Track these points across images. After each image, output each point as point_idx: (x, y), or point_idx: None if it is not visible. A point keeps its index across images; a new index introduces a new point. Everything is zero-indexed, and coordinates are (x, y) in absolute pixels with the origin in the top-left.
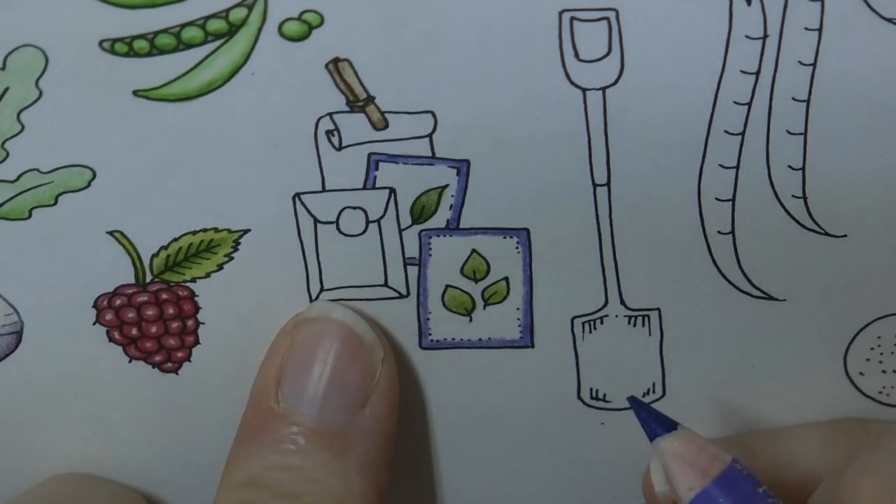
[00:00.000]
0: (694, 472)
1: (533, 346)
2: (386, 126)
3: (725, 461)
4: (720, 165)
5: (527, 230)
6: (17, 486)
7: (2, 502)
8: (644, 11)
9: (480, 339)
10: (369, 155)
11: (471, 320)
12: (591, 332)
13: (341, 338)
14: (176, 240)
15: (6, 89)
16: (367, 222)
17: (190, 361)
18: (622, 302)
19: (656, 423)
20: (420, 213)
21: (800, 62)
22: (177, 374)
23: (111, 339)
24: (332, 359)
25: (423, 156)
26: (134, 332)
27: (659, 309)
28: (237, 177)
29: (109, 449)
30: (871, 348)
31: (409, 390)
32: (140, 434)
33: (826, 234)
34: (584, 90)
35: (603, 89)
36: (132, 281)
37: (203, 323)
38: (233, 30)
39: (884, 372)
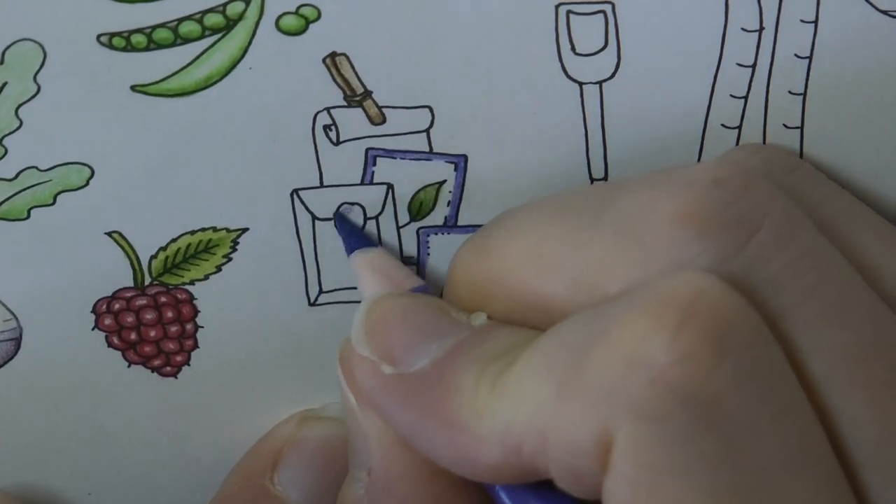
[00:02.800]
0: (387, 283)
1: None
2: (383, 121)
3: (420, 282)
4: None
5: None
6: (16, 492)
7: None
8: (640, 3)
9: None
10: (367, 150)
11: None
12: None
13: None
14: (174, 240)
15: (4, 84)
16: (366, 219)
17: (189, 365)
18: None
19: (357, 240)
20: (418, 209)
21: (796, 55)
22: (176, 378)
23: (110, 345)
24: (339, 461)
25: (420, 151)
26: (133, 336)
27: None
28: (236, 174)
29: (109, 453)
30: None
31: None
32: (139, 438)
33: None
34: (580, 84)
35: (600, 83)
36: (131, 284)
37: (202, 327)
38: (230, 24)
39: None
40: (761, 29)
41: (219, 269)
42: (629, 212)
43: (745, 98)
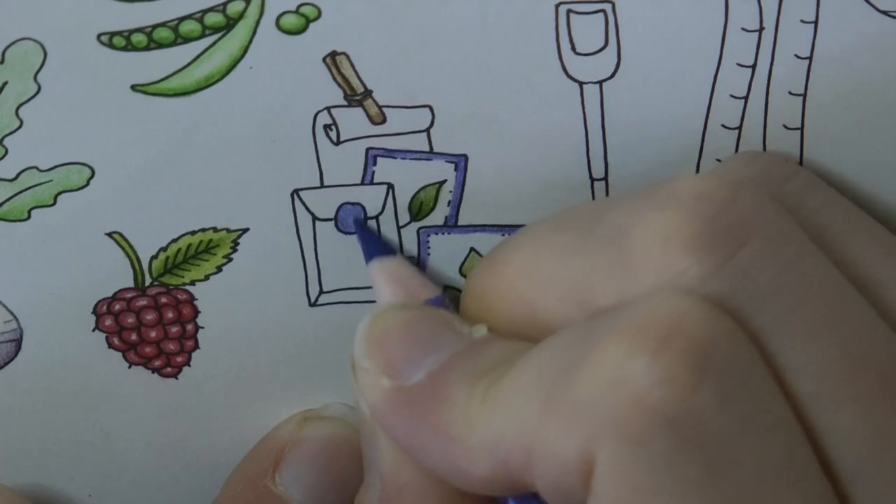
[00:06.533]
0: (403, 292)
1: None
2: (384, 120)
3: (436, 292)
4: (718, 160)
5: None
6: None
7: None
8: (640, 3)
9: None
10: (367, 150)
11: None
12: None
13: (353, 443)
14: (175, 241)
15: (5, 83)
16: (366, 218)
17: (189, 366)
18: None
19: (376, 248)
20: (418, 209)
21: (796, 55)
22: (176, 378)
23: (110, 346)
24: (340, 461)
25: (420, 150)
26: (133, 337)
27: None
28: (236, 173)
29: (109, 455)
30: None
31: None
32: (139, 439)
33: None
34: (580, 83)
35: (600, 83)
36: (131, 284)
37: (202, 327)
38: (230, 23)
39: None
40: (761, 29)
41: (219, 269)
42: (617, 227)
43: (746, 98)
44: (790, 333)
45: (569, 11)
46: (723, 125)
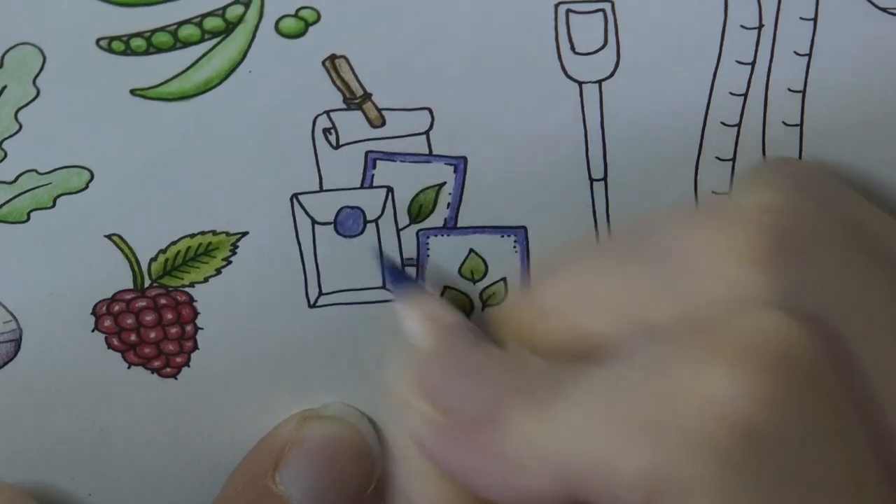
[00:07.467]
0: (430, 323)
1: None
2: (383, 123)
3: (457, 316)
4: (717, 157)
5: (524, 228)
6: None
7: None
8: (639, 2)
9: None
10: (366, 153)
11: None
12: None
13: (353, 443)
14: (174, 243)
15: (4, 87)
16: (365, 222)
17: (189, 367)
18: None
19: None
20: (418, 212)
21: (795, 52)
22: (176, 379)
23: (110, 346)
24: (340, 460)
25: (420, 153)
26: (133, 337)
27: None
28: (235, 177)
29: (109, 455)
30: None
31: None
32: (139, 439)
33: None
34: (580, 83)
35: (599, 82)
36: (130, 286)
37: (202, 328)
38: (230, 27)
39: None
40: (760, 26)
41: (218, 271)
42: (678, 246)
43: (745, 96)
44: (868, 340)
45: (568, 11)
46: (722, 122)
